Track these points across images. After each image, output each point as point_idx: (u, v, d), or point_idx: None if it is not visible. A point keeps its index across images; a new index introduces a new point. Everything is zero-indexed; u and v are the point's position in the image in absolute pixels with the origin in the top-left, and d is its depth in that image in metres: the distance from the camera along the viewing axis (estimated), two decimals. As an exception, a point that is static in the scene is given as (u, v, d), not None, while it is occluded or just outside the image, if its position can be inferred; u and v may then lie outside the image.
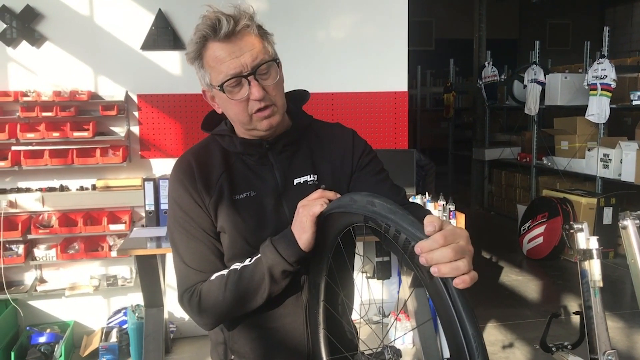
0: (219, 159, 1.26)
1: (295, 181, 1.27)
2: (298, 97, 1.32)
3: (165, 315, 3.46)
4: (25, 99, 3.39)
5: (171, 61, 3.63)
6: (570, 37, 11.82)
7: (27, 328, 3.50)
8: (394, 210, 0.89)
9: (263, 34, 1.20)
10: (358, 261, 2.90)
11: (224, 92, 1.16)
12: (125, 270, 3.74)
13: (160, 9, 3.56)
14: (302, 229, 1.10)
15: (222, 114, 1.29)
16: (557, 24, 11.76)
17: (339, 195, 1.09)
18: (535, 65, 6.46)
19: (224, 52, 1.15)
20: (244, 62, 1.15)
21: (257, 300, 1.17)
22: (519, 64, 9.50)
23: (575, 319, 2.71)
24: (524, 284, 4.99)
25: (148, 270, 3.09)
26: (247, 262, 1.17)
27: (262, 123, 1.19)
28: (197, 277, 1.22)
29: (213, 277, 1.20)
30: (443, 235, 0.81)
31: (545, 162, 6.60)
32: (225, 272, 1.19)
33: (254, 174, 1.26)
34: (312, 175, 1.28)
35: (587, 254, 2.26)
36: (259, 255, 1.15)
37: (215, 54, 1.15)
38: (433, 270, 0.80)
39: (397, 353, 1.10)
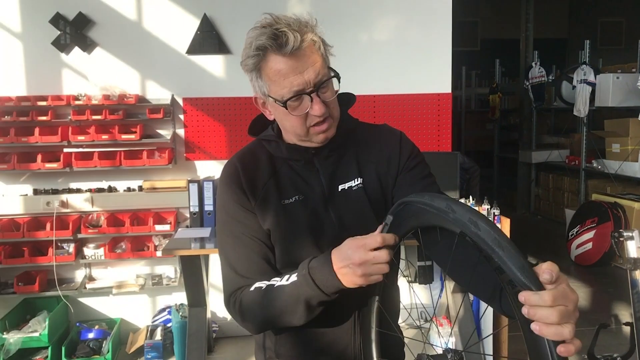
0: (265, 163, 1.27)
1: (340, 187, 1.26)
2: (344, 101, 1.30)
3: (208, 315, 3.51)
4: (77, 102, 3.51)
5: (216, 65, 3.69)
6: (623, 36, 11.39)
7: (77, 324, 3.62)
8: (501, 244, 0.82)
9: (324, 47, 1.19)
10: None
11: (286, 108, 1.15)
12: (170, 270, 3.82)
13: (205, 14, 3.62)
14: (351, 281, 1.05)
15: (267, 120, 1.29)
16: (609, 21, 11.36)
17: (395, 240, 1.03)
18: (585, 65, 6.26)
19: (287, 67, 1.13)
20: (307, 78, 1.13)
21: (293, 323, 1.15)
22: (568, 64, 9.23)
23: (626, 329, 2.62)
24: (572, 291, 4.84)
25: (192, 270, 3.15)
26: (284, 280, 1.14)
27: (318, 137, 1.21)
28: (242, 282, 1.22)
29: (253, 287, 1.19)
30: (553, 295, 0.76)
31: (595, 165, 6.38)
32: (264, 285, 1.17)
33: (300, 178, 1.26)
34: (357, 179, 1.27)
35: (637, 263, 2.18)
36: (296, 277, 1.12)
37: (278, 67, 1.13)
38: (534, 326, 0.76)
39: (460, 356, 1.07)
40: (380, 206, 1.27)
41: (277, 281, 1.16)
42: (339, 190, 1.26)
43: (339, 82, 1.21)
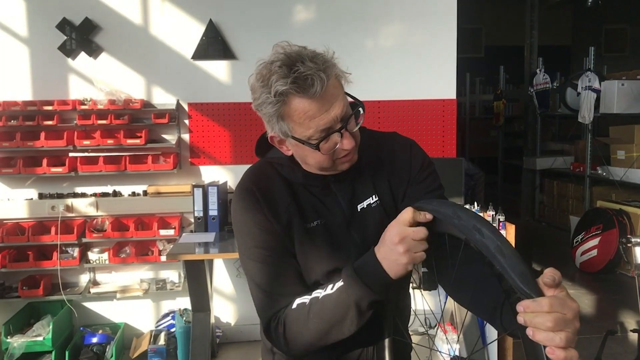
0: (282, 186, 1.22)
1: (359, 207, 1.24)
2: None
3: (212, 320, 3.51)
4: (82, 107, 3.52)
5: (221, 70, 3.71)
6: (627, 43, 11.38)
7: (81, 328, 3.62)
8: (502, 251, 0.83)
9: (343, 76, 1.13)
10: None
11: (318, 149, 1.11)
12: (174, 275, 3.82)
13: (211, 19, 3.64)
14: (397, 265, 1.01)
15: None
16: (613, 29, 11.35)
17: (430, 217, 1.00)
18: (589, 72, 6.24)
19: (313, 109, 1.07)
20: (334, 115, 1.09)
21: (345, 332, 1.09)
22: (572, 71, 9.22)
23: (633, 336, 2.60)
24: (577, 298, 4.81)
25: (196, 275, 3.15)
26: (328, 289, 1.09)
27: (344, 165, 1.18)
28: (280, 303, 1.16)
29: (294, 304, 1.13)
30: (550, 302, 0.77)
31: (600, 172, 6.36)
32: (307, 299, 1.12)
33: (319, 202, 1.23)
34: (374, 197, 1.25)
35: (645, 269, 2.16)
36: (342, 282, 1.07)
37: (303, 109, 1.07)
38: (528, 331, 0.77)
39: None
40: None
41: (320, 292, 1.10)
42: (359, 210, 1.24)
43: (364, 111, 1.15)
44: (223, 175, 3.76)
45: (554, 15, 10.44)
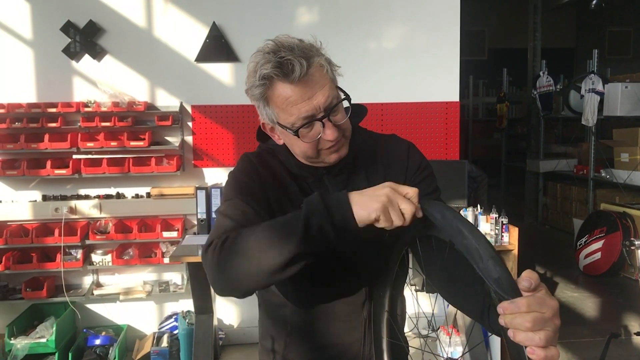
0: (278, 172, 1.23)
1: None
2: (354, 113, 1.23)
3: (215, 322, 3.51)
4: (86, 109, 3.54)
5: (224, 73, 3.71)
6: (631, 45, 11.37)
7: (84, 330, 3.62)
8: (481, 256, 0.83)
9: (331, 68, 1.15)
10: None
11: (298, 136, 1.12)
12: (177, 277, 3.82)
13: (214, 22, 3.65)
14: (367, 204, 0.94)
15: None
16: (617, 31, 11.33)
17: (420, 214, 0.96)
18: (593, 75, 6.24)
19: (295, 95, 1.09)
20: (317, 104, 1.10)
21: (280, 256, 0.97)
22: (575, 74, 9.22)
23: (637, 339, 2.59)
24: (581, 301, 4.80)
25: (199, 277, 3.15)
26: (286, 216, 1.02)
27: (330, 157, 1.17)
28: (233, 226, 1.08)
29: (250, 229, 1.04)
30: (527, 302, 0.77)
31: (603, 174, 6.35)
32: (255, 228, 1.03)
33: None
34: None
35: (649, 272, 2.16)
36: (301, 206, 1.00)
37: (285, 94, 1.09)
38: (509, 333, 0.78)
39: None
40: None
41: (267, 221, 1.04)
42: None
43: (350, 102, 1.17)
44: (226, 177, 3.76)
45: (557, 17, 10.43)
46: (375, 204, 0.93)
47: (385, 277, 1.17)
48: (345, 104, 1.17)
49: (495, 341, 3.21)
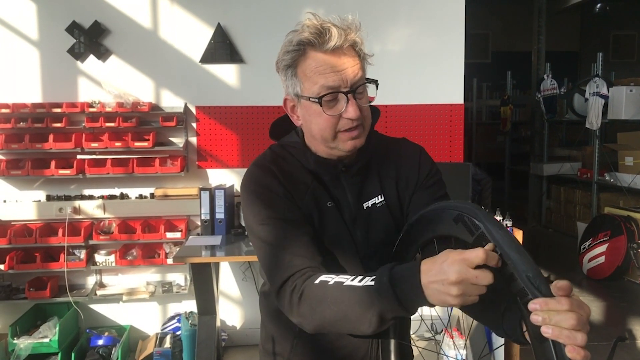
0: (300, 167, 1.21)
1: (365, 205, 1.23)
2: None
3: (218, 323, 3.51)
4: (91, 110, 3.54)
5: (229, 74, 3.72)
6: (635, 49, 11.35)
7: (87, 330, 3.62)
8: (518, 248, 0.81)
9: (364, 52, 1.16)
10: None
11: (320, 105, 1.10)
12: (180, 278, 3.82)
13: (219, 23, 3.65)
14: (442, 301, 0.89)
15: (291, 124, 1.26)
16: (621, 35, 11.31)
17: (498, 261, 0.87)
18: (597, 78, 6.22)
19: (325, 64, 1.09)
20: (344, 77, 1.10)
21: (359, 330, 1.01)
22: (580, 77, 9.20)
23: (641, 343, 2.58)
24: (584, 305, 4.78)
25: (202, 278, 3.15)
26: (356, 281, 1.00)
27: (346, 144, 1.15)
28: (296, 263, 1.08)
29: (317, 280, 1.04)
30: (570, 301, 0.76)
31: (607, 178, 6.33)
32: (331, 280, 1.03)
33: (330, 192, 1.21)
34: (380, 197, 1.24)
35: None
36: (372, 282, 0.98)
37: (316, 64, 1.10)
38: (545, 330, 0.76)
39: None
40: (400, 222, 1.25)
41: (346, 279, 1.01)
42: (364, 208, 1.23)
43: (377, 89, 1.16)
44: (230, 178, 3.76)
45: (561, 21, 10.42)
46: (451, 303, 0.88)
47: None
48: (372, 93, 1.16)
49: (499, 348, 3.20)
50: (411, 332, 1.42)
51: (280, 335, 1.29)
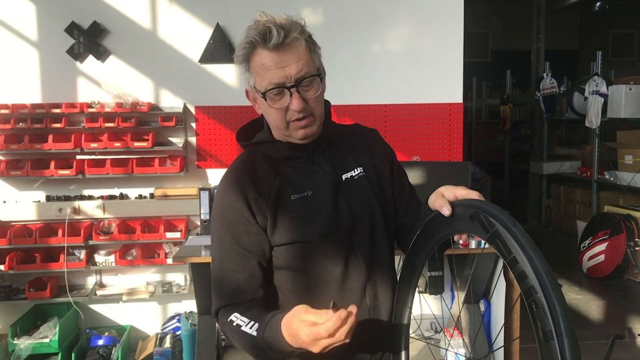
0: (266, 167, 1.28)
1: (344, 177, 1.30)
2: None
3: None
4: (90, 110, 3.54)
5: (228, 74, 3.72)
6: (635, 48, 11.35)
7: (87, 330, 3.63)
8: (532, 246, 0.83)
9: (311, 45, 1.23)
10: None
11: (265, 99, 1.20)
12: (180, 278, 3.82)
13: (218, 23, 3.65)
14: (311, 350, 1.02)
15: (256, 127, 1.34)
16: (621, 33, 11.32)
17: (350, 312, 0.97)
18: (597, 77, 6.22)
19: (270, 61, 1.17)
20: (288, 73, 1.17)
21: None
22: (579, 76, 9.20)
23: (641, 342, 2.58)
24: (584, 303, 4.79)
25: (202, 277, 3.15)
26: (248, 327, 1.15)
27: (297, 132, 1.23)
28: (224, 302, 1.23)
29: (228, 319, 1.20)
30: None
31: (607, 176, 6.33)
32: (235, 321, 1.18)
33: (305, 175, 1.28)
34: (357, 169, 1.32)
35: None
36: (256, 334, 1.13)
37: (262, 61, 1.18)
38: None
39: None
40: (379, 193, 1.32)
41: (244, 323, 1.16)
42: (344, 179, 1.30)
43: (322, 80, 1.24)
44: (229, 178, 3.76)
45: (561, 19, 10.42)
46: (317, 353, 1.01)
47: (411, 275, 1.18)
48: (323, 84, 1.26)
49: (500, 343, 3.20)
50: (411, 332, 1.43)
51: None
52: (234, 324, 1.17)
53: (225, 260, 1.24)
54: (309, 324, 0.98)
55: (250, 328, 1.13)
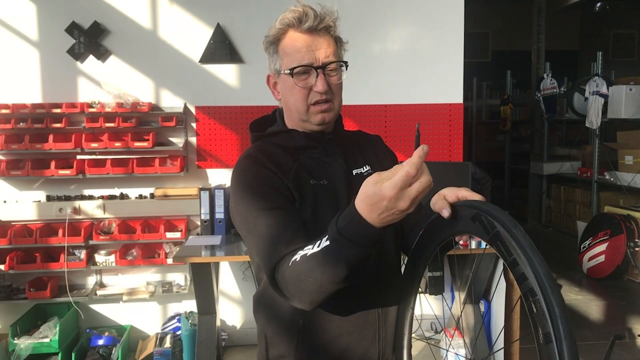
0: (283, 153, 1.29)
1: (354, 172, 1.33)
2: None
3: (218, 323, 3.51)
4: (90, 110, 3.54)
5: (228, 74, 3.72)
6: (635, 48, 11.35)
7: (87, 330, 3.63)
8: (533, 248, 0.83)
9: (339, 39, 1.30)
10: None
11: (292, 77, 1.23)
12: (180, 278, 3.83)
13: (218, 24, 3.66)
14: (392, 215, 0.94)
15: (267, 122, 1.36)
16: (621, 34, 11.31)
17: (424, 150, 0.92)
18: (597, 77, 6.23)
19: (301, 43, 1.23)
20: (317, 56, 1.23)
21: (340, 283, 1.04)
22: (579, 76, 9.20)
23: (641, 342, 2.58)
24: (584, 303, 4.79)
25: (202, 277, 3.15)
26: (316, 247, 1.04)
27: (316, 116, 1.27)
28: (282, 249, 1.12)
29: (290, 262, 1.09)
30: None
31: (607, 177, 6.33)
32: (298, 257, 1.07)
33: (321, 164, 1.30)
34: (365, 167, 1.35)
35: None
36: (326, 240, 1.02)
37: (294, 42, 1.23)
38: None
39: None
40: None
41: (309, 248, 1.06)
42: (354, 174, 1.32)
43: (346, 69, 1.30)
44: (230, 178, 3.76)
45: (561, 20, 10.42)
46: (398, 216, 0.96)
47: (414, 276, 1.19)
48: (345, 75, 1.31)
49: (500, 344, 3.20)
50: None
51: (283, 337, 1.29)
52: (301, 256, 1.06)
53: (271, 221, 1.15)
54: (388, 177, 0.93)
55: (320, 244, 1.03)
